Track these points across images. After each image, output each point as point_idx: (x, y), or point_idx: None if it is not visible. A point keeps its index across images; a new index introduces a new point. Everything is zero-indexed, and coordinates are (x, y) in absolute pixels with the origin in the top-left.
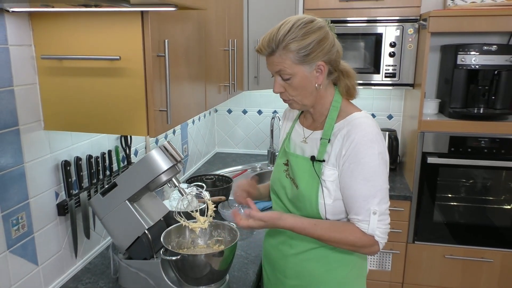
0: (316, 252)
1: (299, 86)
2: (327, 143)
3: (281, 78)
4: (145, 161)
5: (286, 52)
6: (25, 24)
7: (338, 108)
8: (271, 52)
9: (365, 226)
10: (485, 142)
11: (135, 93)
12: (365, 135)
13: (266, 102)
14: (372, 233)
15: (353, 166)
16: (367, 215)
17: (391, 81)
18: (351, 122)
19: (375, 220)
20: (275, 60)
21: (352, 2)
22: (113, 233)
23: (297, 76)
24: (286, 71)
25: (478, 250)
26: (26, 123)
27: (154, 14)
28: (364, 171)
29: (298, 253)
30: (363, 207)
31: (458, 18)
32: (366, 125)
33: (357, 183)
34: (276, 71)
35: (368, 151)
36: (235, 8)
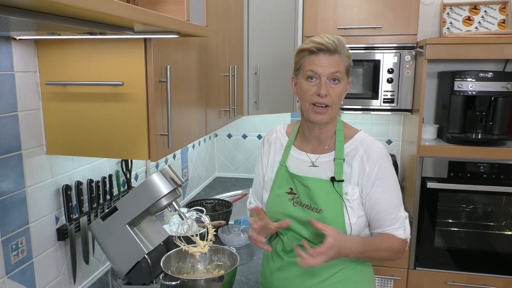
0: (340, 274)
1: (340, 94)
2: (343, 163)
3: (329, 80)
4: (145, 185)
5: (344, 58)
6: (31, 51)
7: (342, 129)
8: (335, 51)
9: (401, 232)
10: (484, 167)
11: (137, 117)
12: (380, 151)
13: (265, 127)
14: (407, 237)
15: (380, 182)
16: (402, 222)
17: (390, 106)
18: (362, 141)
19: (408, 223)
20: (335, 60)
21: (350, 29)
22: (113, 257)
23: (342, 84)
24: (341, 73)
25: (481, 276)
26: (28, 147)
27: (156, 41)
28: (390, 184)
29: (322, 280)
30: (396, 216)
31: (454, 46)
32: (375, 142)
33: (387, 196)
34: (332, 72)
35: (387, 165)
36: (235, 35)
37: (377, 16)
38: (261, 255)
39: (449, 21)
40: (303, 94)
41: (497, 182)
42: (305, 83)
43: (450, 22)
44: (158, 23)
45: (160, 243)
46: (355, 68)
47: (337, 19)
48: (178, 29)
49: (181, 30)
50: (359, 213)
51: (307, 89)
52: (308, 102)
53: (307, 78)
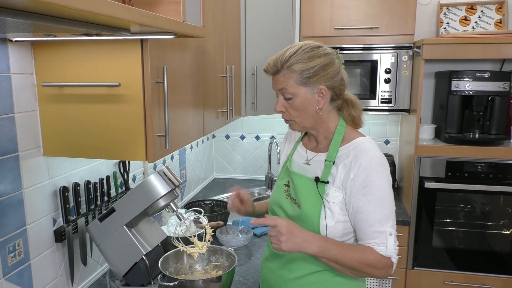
0: (317, 276)
1: (299, 107)
2: (332, 165)
3: (283, 98)
4: (143, 186)
5: (290, 72)
6: (27, 52)
7: (342, 133)
8: (276, 71)
9: (382, 248)
10: (482, 167)
11: (134, 118)
12: (372, 159)
13: (263, 128)
14: (390, 255)
15: (365, 190)
16: (384, 237)
17: (387, 106)
18: (356, 147)
19: (392, 241)
20: (279, 79)
21: (347, 30)
22: (111, 259)
23: (299, 97)
24: (288, 90)
25: (479, 276)
26: (25, 149)
27: (153, 42)
28: (376, 195)
29: (298, 277)
30: (379, 230)
31: (451, 45)
32: (372, 150)
33: (371, 207)
34: (279, 89)
35: (378, 175)
36: (233, 36)
37: (374, 17)
38: (259, 255)
39: (446, 21)
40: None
41: (495, 182)
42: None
43: (447, 22)
44: (154, 23)
45: (158, 244)
46: (352, 68)
47: (334, 19)
48: (174, 30)
49: (177, 31)
50: (339, 218)
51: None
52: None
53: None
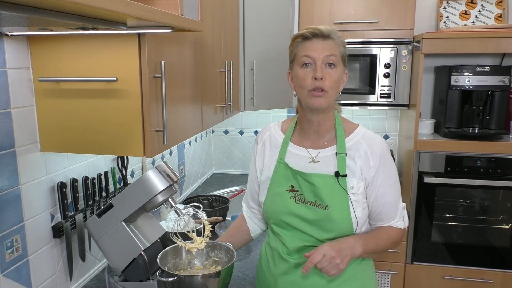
0: (348, 271)
1: (336, 80)
2: (345, 157)
3: (324, 65)
4: (141, 182)
5: (338, 44)
6: (23, 47)
7: (341, 123)
8: (328, 36)
9: (400, 223)
10: (481, 162)
11: (131, 113)
12: (382, 144)
13: (262, 123)
14: (406, 225)
15: (384, 176)
16: (401, 213)
17: (387, 101)
18: (364, 136)
19: (406, 213)
20: (329, 45)
21: (346, 24)
22: (109, 254)
23: (338, 69)
24: (336, 57)
25: (478, 270)
26: (22, 145)
27: (150, 36)
28: (392, 178)
29: (331, 279)
30: (397, 208)
31: (450, 40)
32: (376, 136)
33: (390, 189)
34: (326, 55)
35: (389, 158)
36: (231, 30)
37: (373, 11)
38: (258, 250)
39: (446, 16)
40: (300, 82)
41: (494, 177)
42: (301, 71)
43: (447, 16)
44: (151, 17)
45: (156, 239)
46: (351, 63)
47: (334, 13)
48: (172, 24)
49: (175, 25)
50: (364, 206)
51: (303, 76)
52: (306, 89)
53: (302, 65)
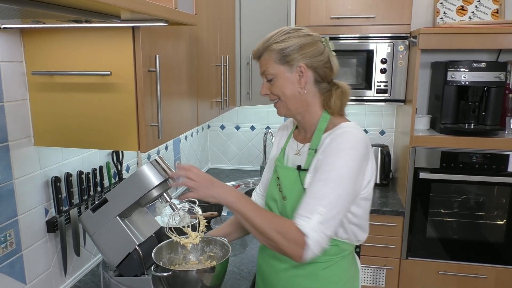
0: (306, 268)
1: (281, 86)
2: (314, 153)
3: (266, 80)
4: (136, 176)
5: (269, 53)
6: (16, 40)
7: (327, 120)
8: (259, 55)
9: (303, 222)
10: (477, 158)
11: (126, 108)
12: (342, 142)
13: (259, 118)
14: (305, 232)
15: (322, 169)
16: (311, 212)
17: (383, 97)
18: (336, 131)
19: (317, 221)
20: (262, 61)
21: (343, 19)
22: (104, 249)
23: (279, 77)
24: (269, 71)
25: (472, 266)
26: (16, 139)
27: (145, 30)
28: (328, 174)
29: (287, 268)
30: (311, 203)
31: (447, 35)
32: (348, 134)
33: (318, 182)
34: (262, 72)
35: (343, 157)
36: (226, 24)
37: (370, 6)
38: (254, 246)
39: (443, 11)
40: None
41: (489, 173)
42: None
43: (443, 12)
44: (145, 10)
45: (151, 234)
46: (348, 58)
47: (330, 8)
48: (166, 17)
49: (169, 18)
50: None
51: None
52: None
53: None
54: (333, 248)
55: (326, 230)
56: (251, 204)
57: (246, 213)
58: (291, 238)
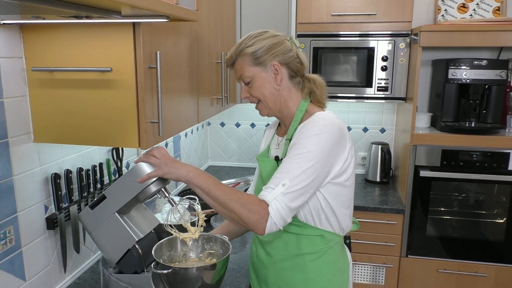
0: (293, 260)
1: (259, 87)
2: (289, 143)
3: (244, 84)
4: (133, 172)
5: (243, 57)
6: (16, 36)
7: (303, 111)
8: (233, 62)
9: (266, 193)
10: (477, 156)
11: (126, 104)
12: (313, 126)
13: (259, 115)
14: (268, 200)
15: (292, 149)
16: (276, 184)
17: (384, 94)
18: (310, 120)
19: (279, 191)
20: (236, 67)
21: (344, 16)
22: (103, 246)
23: (256, 78)
24: (245, 74)
25: (472, 264)
26: (15, 135)
27: (146, 26)
28: (296, 151)
29: (275, 261)
30: (278, 177)
31: (448, 33)
32: (320, 120)
33: (287, 159)
34: (238, 78)
35: (310, 138)
36: (227, 21)
37: (371, 3)
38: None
39: (444, 8)
40: None
41: (490, 171)
42: None
43: (445, 9)
44: (146, 5)
45: (151, 231)
46: (349, 55)
47: (331, 5)
48: (167, 13)
49: (170, 14)
50: None
51: None
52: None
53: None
54: (318, 238)
55: (289, 202)
56: (211, 178)
57: (205, 186)
58: (251, 208)
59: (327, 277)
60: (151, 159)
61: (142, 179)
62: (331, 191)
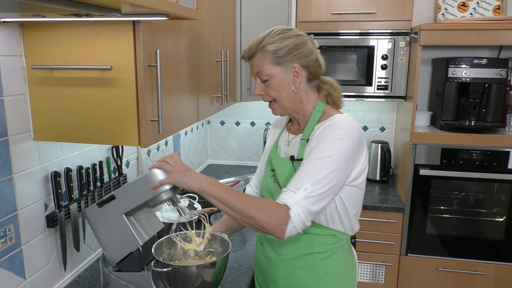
0: (304, 259)
1: (276, 87)
2: (306, 143)
3: (260, 80)
4: (147, 178)
5: (264, 54)
6: (16, 34)
7: (320, 112)
8: (251, 55)
9: (287, 196)
10: (477, 155)
11: (126, 103)
12: (336, 130)
13: (259, 114)
14: (289, 205)
15: (314, 152)
16: (298, 188)
17: (383, 93)
18: (329, 121)
19: (301, 195)
20: (255, 62)
21: (344, 15)
22: (106, 245)
23: (275, 77)
24: (264, 72)
25: (471, 263)
26: (15, 133)
27: (146, 24)
28: (319, 155)
29: (286, 260)
30: (300, 180)
31: (448, 31)
32: (342, 124)
33: (309, 162)
34: (255, 73)
35: (334, 143)
36: (227, 20)
37: (371, 2)
38: (253, 242)
39: (444, 7)
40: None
41: (489, 169)
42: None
43: (445, 8)
44: (146, 4)
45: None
46: (349, 54)
47: (331, 4)
48: (167, 11)
49: (170, 12)
50: None
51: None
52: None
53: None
54: (330, 237)
55: (310, 206)
56: (225, 187)
57: (220, 195)
58: (270, 212)
59: (337, 276)
60: (165, 165)
61: (154, 185)
62: (347, 193)
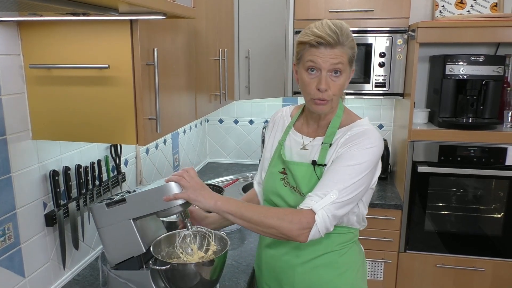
0: (324, 258)
1: (341, 86)
2: (328, 148)
3: (330, 73)
4: (162, 190)
5: (347, 49)
6: (13, 33)
7: (341, 116)
8: (336, 43)
9: (313, 201)
10: (475, 151)
11: (124, 101)
12: (366, 139)
13: (257, 112)
14: (315, 209)
15: (342, 158)
16: (325, 193)
17: (381, 91)
18: (354, 128)
19: (329, 201)
20: (337, 53)
21: (342, 13)
22: (108, 246)
23: (344, 75)
24: (341, 66)
25: (470, 259)
26: (13, 132)
27: (143, 23)
28: (349, 162)
29: (305, 261)
30: (328, 185)
31: (446, 29)
32: (371, 133)
33: (338, 168)
34: (334, 63)
35: (364, 152)
36: (225, 18)
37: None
38: (252, 239)
39: (442, 5)
40: (304, 87)
41: (487, 166)
42: (306, 75)
43: (442, 5)
44: (143, 3)
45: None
46: None
47: (329, 2)
48: (164, 10)
49: (167, 11)
50: None
51: (307, 82)
52: (309, 96)
53: (307, 70)
54: (348, 235)
55: (335, 211)
56: (240, 202)
57: (237, 211)
58: (291, 219)
59: (356, 269)
60: (182, 180)
61: (168, 198)
62: (365, 195)
